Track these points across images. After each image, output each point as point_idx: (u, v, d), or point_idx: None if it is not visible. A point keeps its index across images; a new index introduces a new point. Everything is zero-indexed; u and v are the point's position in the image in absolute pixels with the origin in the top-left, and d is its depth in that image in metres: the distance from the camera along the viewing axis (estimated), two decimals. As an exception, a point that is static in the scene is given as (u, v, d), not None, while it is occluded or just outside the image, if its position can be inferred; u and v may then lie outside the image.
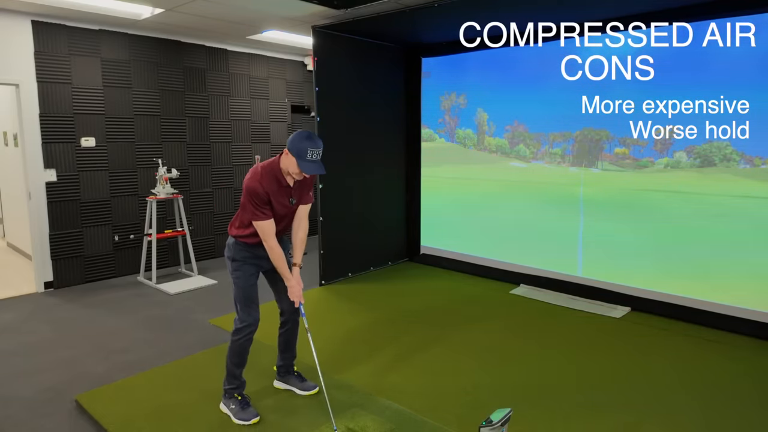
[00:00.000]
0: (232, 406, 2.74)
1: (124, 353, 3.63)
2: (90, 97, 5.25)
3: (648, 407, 2.84)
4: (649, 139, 4.27)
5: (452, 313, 4.36)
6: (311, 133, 2.55)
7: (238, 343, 2.71)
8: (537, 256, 5.06)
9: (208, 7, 4.52)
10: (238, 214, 2.72)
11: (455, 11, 4.16)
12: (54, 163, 5.08)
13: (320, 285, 5.16)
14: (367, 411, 2.76)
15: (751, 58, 3.71)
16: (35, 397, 3.04)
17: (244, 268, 2.72)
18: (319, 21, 4.90)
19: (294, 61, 7.09)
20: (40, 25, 4.89)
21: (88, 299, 4.86)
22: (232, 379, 2.77)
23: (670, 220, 4.22)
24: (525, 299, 4.71)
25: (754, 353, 3.52)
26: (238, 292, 2.72)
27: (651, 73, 4.20)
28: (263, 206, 2.59)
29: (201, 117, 6.18)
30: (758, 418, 2.73)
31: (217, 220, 6.47)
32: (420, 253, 6.09)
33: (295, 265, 2.78)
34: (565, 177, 4.83)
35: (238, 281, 2.71)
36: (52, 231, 5.13)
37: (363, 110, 5.40)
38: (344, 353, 3.54)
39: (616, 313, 4.30)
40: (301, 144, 2.49)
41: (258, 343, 3.58)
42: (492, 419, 2.23)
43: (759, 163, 3.76)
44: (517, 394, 2.98)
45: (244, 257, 2.73)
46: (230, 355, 2.74)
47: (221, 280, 5.40)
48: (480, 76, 5.32)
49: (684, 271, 4.17)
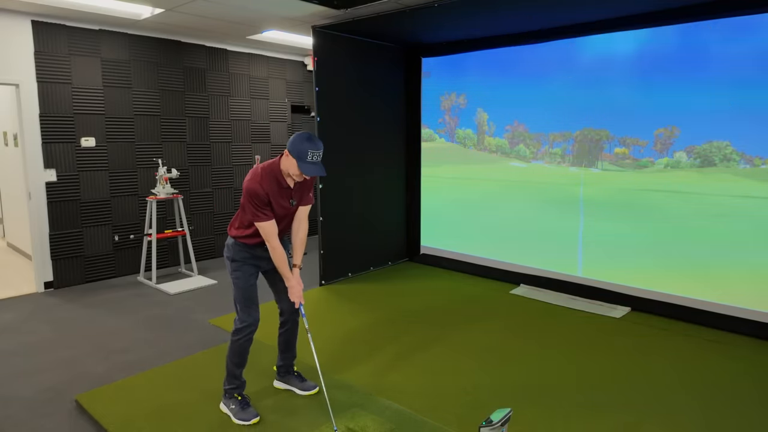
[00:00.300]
0: (232, 406, 2.74)
1: (124, 353, 3.63)
2: (90, 97, 5.25)
3: (648, 407, 2.84)
4: (649, 139, 4.27)
5: (452, 313, 4.36)
6: (311, 135, 2.54)
7: (238, 343, 2.71)
8: (537, 256, 5.06)
9: (208, 7, 4.52)
10: (238, 214, 2.72)
11: (455, 11, 4.16)
12: (54, 163, 5.08)
13: (320, 285, 5.16)
14: (367, 411, 2.77)
15: (752, 57, 3.71)
16: (35, 397, 3.04)
17: (243, 269, 2.72)
18: (319, 21, 4.90)
19: (294, 61, 7.10)
20: (40, 25, 4.89)
21: (88, 299, 4.86)
22: (232, 379, 2.77)
23: (670, 220, 4.22)
24: (525, 299, 4.71)
25: (754, 353, 3.52)
26: (237, 293, 2.71)
27: (651, 72, 4.21)
28: (264, 207, 2.59)
29: (201, 117, 6.18)
30: (758, 417, 2.73)
31: (217, 220, 6.48)
32: (420, 253, 6.09)
33: (295, 266, 2.78)
34: (565, 177, 4.83)
35: (237, 282, 2.71)
36: (52, 231, 5.13)
37: (363, 110, 5.40)
38: (344, 353, 3.54)
39: (616, 313, 4.30)
40: (302, 146, 2.49)
41: (258, 343, 3.59)
42: (492, 419, 2.24)
43: (759, 163, 3.76)
44: (517, 394, 2.98)
45: (244, 258, 2.73)
46: (230, 355, 2.74)
47: (221, 280, 5.40)
48: (480, 76, 5.32)
49: (684, 271, 4.17)
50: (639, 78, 4.28)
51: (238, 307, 2.73)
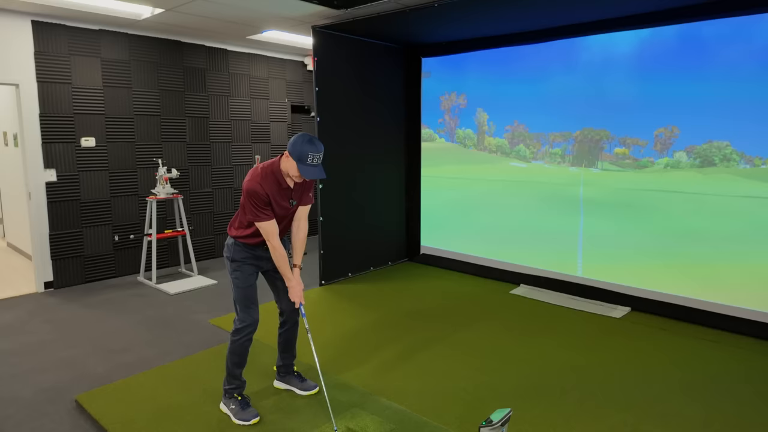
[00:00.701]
0: (232, 407, 2.74)
1: (124, 353, 3.63)
2: (90, 97, 5.25)
3: (648, 407, 2.84)
4: (649, 139, 4.27)
5: (452, 313, 4.36)
6: (312, 137, 2.53)
7: (237, 343, 2.71)
8: (537, 256, 5.06)
9: (208, 7, 4.52)
10: (238, 214, 2.72)
11: (455, 11, 4.16)
12: (54, 163, 5.08)
13: (320, 285, 5.16)
14: (367, 411, 2.77)
15: (752, 57, 3.71)
16: (35, 397, 3.04)
17: (243, 269, 2.72)
18: (319, 21, 4.90)
19: (294, 61, 7.10)
20: (40, 25, 4.89)
21: (88, 299, 4.86)
22: (231, 379, 2.77)
23: (670, 220, 4.22)
24: (525, 299, 4.71)
25: (754, 353, 3.52)
26: (237, 293, 2.71)
27: (651, 72, 4.21)
28: (264, 207, 2.58)
29: (201, 117, 6.18)
30: (758, 418, 2.73)
31: (217, 220, 6.48)
32: (420, 253, 6.09)
33: (295, 265, 2.78)
34: (565, 177, 4.83)
35: (237, 282, 2.71)
36: (52, 231, 5.13)
37: (363, 110, 5.40)
38: (344, 353, 3.54)
39: (616, 313, 4.30)
40: (302, 148, 2.47)
41: (258, 343, 3.59)
42: (492, 419, 2.24)
43: (759, 163, 3.76)
44: (517, 394, 2.98)
45: (244, 258, 2.72)
46: (230, 356, 2.74)
47: (221, 280, 5.40)
48: (480, 76, 5.32)
49: (684, 271, 4.17)
50: (639, 78, 4.28)
51: (237, 307, 2.73)
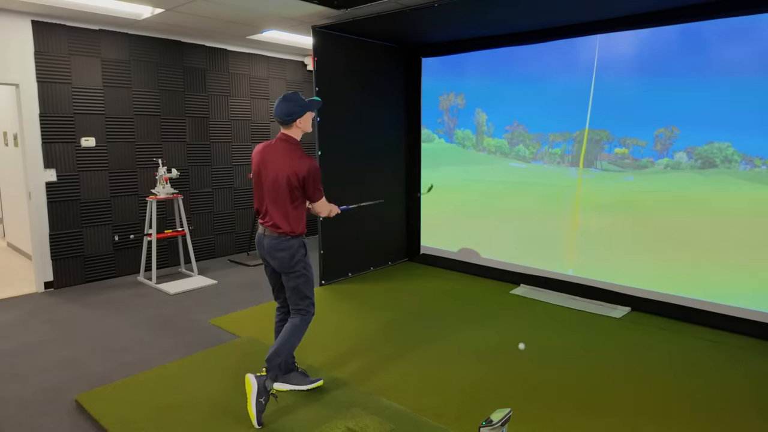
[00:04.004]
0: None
1: (124, 353, 3.63)
2: (90, 97, 5.25)
3: (648, 407, 2.84)
4: (649, 139, 4.27)
5: (452, 313, 4.36)
6: (294, 92, 2.77)
7: (307, 326, 2.90)
8: (537, 256, 5.06)
9: (208, 7, 4.52)
10: (293, 210, 2.75)
11: (455, 11, 4.16)
12: (54, 163, 5.08)
13: (320, 285, 5.16)
14: (367, 411, 2.77)
15: (752, 58, 3.71)
16: (35, 397, 3.04)
17: (306, 259, 2.87)
18: (319, 21, 4.90)
19: (294, 61, 7.10)
20: (40, 25, 4.89)
21: (88, 299, 4.86)
22: (291, 357, 2.97)
23: (670, 220, 4.22)
24: (525, 299, 4.71)
25: (754, 353, 3.52)
26: (310, 284, 2.86)
27: (651, 72, 4.21)
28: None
29: (201, 117, 6.18)
30: (758, 418, 2.73)
31: (217, 220, 6.48)
32: (420, 253, 6.09)
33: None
34: (564, 177, 4.83)
35: (309, 274, 2.85)
36: (52, 231, 5.13)
37: (363, 110, 5.40)
38: (344, 353, 3.54)
39: (616, 313, 4.30)
40: (306, 98, 2.73)
41: (258, 343, 3.59)
42: (492, 419, 2.24)
43: (759, 164, 3.76)
44: (517, 394, 2.98)
45: (304, 248, 2.87)
46: (297, 338, 2.87)
47: (221, 280, 5.40)
48: (479, 76, 5.32)
49: (684, 271, 4.17)
50: (639, 78, 4.28)
51: (310, 298, 2.88)
